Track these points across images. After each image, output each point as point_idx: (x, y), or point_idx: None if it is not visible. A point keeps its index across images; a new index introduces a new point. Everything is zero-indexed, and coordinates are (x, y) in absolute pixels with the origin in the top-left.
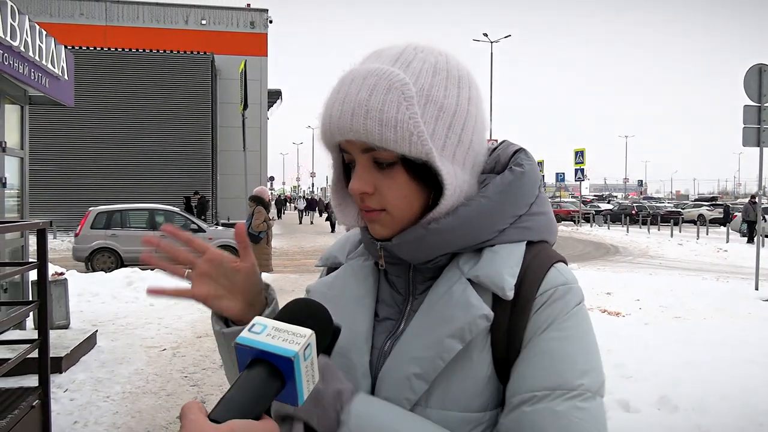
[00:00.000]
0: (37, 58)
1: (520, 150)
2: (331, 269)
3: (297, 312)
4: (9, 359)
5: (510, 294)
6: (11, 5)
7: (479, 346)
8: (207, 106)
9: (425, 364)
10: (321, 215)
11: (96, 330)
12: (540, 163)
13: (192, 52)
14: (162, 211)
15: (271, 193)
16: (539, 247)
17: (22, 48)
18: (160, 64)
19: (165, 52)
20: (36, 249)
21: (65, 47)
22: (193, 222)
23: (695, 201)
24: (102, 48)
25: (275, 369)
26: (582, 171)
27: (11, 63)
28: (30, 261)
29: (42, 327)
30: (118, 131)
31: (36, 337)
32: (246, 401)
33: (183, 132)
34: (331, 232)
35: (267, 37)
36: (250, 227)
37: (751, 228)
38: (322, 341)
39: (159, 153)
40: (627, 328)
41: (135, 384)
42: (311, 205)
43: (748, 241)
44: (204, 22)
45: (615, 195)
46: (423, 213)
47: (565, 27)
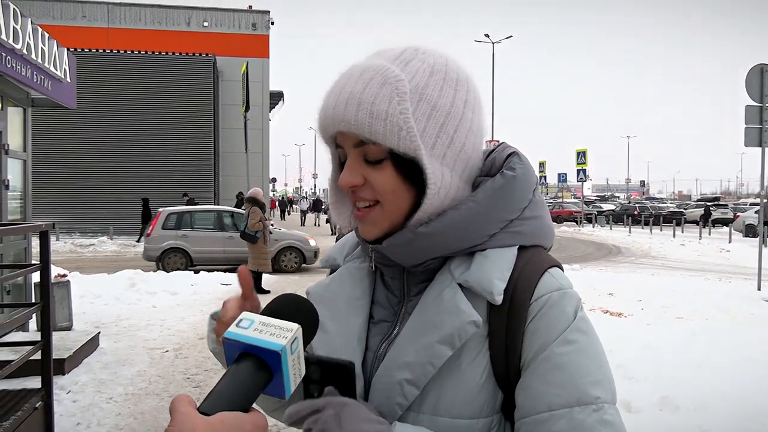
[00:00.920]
0: (40, 60)
1: (513, 153)
2: (333, 271)
3: (283, 307)
4: (12, 361)
5: (499, 299)
6: (14, 8)
7: (473, 352)
8: (209, 107)
9: (416, 369)
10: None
11: (99, 332)
12: (542, 164)
13: (194, 53)
14: (229, 213)
15: (273, 195)
16: (532, 252)
17: (24, 51)
18: (162, 66)
19: (167, 54)
20: (39, 251)
21: (67, 49)
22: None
23: (697, 201)
24: (104, 50)
25: (263, 363)
26: (584, 171)
27: (14, 65)
28: (33, 263)
29: (45, 329)
30: (120, 133)
31: (39, 339)
32: (235, 394)
33: (185, 133)
34: (331, 234)
35: (269, 39)
36: (246, 227)
37: None
38: (308, 335)
39: (161, 155)
40: (629, 328)
41: (137, 385)
42: (317, 206)
43: None
44: (206, 24)
45: (617, 195)
46: (411, 213)
47: (568, 27)
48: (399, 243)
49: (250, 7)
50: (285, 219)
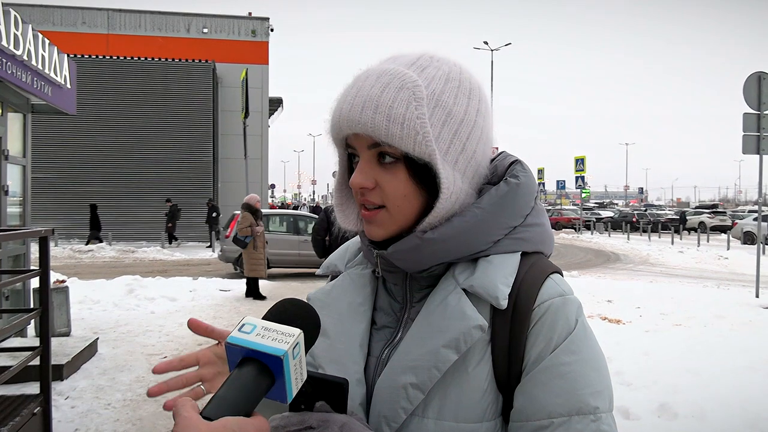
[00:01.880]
0: (40, 66)
1: (516, 161)
2: (334, 278)
3: (285, 312)
4: (10, 367)
5: (504, 303)
6: (14, 14)
7: (477, 356)
8: (208, 114)
9: (421, 373)
10: None
11: (97, 337)
12: (540, 171)
13: (193, 60)
14: (304, 217)
15: (272, 201)
16: (534, 258)
17: (24, 57)
18: (161, 72)
19: (167, 60)
20: (38, 256)
21: (68, 56)
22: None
23: (696, 208)
24: (104, 56)
25: (265, 367)
26: (582, 179)
27: (14, 72)
28: (32, 269)
29: (43, 334)
30: (119, 139)
31: (37, 345)
32: (237, 399)
33: (184, 140)
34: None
35: (268, 46)
36: (236, 233)
37: None
38: (309, 340)
39: (160, 160)
40: (627, 335)
41: (136, 391)
42: (316, 213)
43: None
44: (205, 30)
45: (616, 202)
46: (419, 218)
47: (566, 35)
48: (405, 249)
49: (249, 14)
50: None
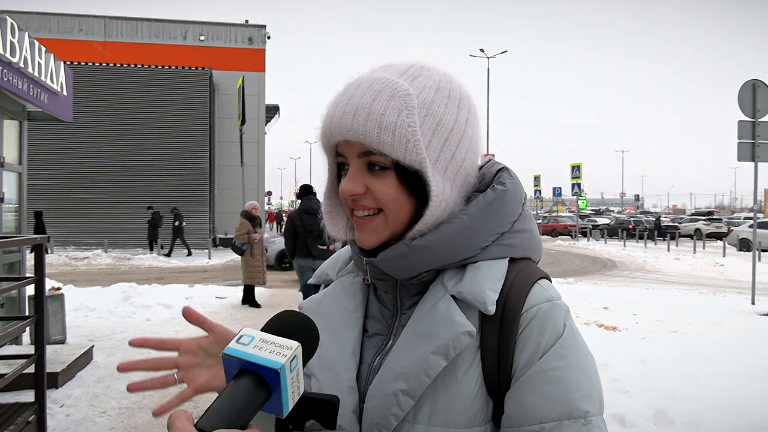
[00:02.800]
0: (36, 74)
1: (503, 168)
2: (326, 286)
3: (284, 324)
4: (5, 374)
5: (492, 309)
6: (11, 22)
7: (466, 362)
8: (205, 121)
9: (411, 380)
10: None
11: (92, 345)
12: (537, 178)
13: (190, 67)
14: None
15: (269, 208)
16: (522, 264)
17: (21, 64)
18: (158, 79)
19: (163, 67)
20: (33, 264)
21: (64, 63)
22: None
23: (692, 215)
24: (101, 63)
25: (262, 380)
26: (579, 185)
27: (10, 79)
28: (27, 276)
29: (38, 342)
30: (116, 146)
31: (32, 352)
32: (232, 411)
33: (181, 147)
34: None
35: (265, 53)
36: (234, 240)
37: None
38: (308, 353)
39: (157, 168)
40: (623, 342)
41: (131, 399)
42: None
43: None
44: (202, 37)
45: (612, 209)
46: (409, 226)
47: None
48: (394, 256)
49: (246, 22)
50: (281, 232)
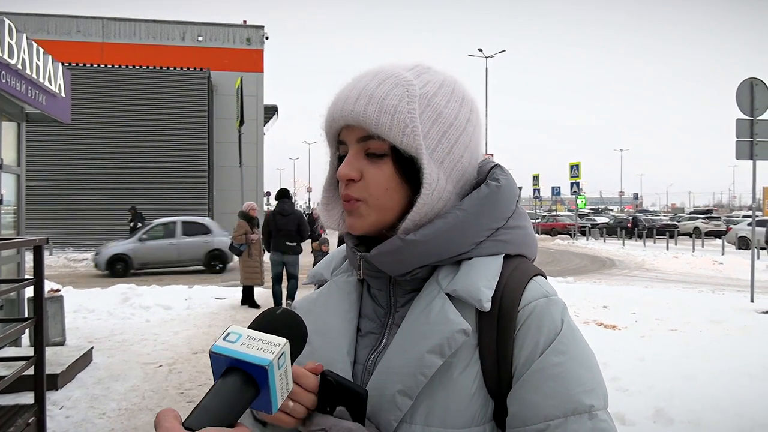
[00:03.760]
0: (34, 75)
1: (496, 165)
2: (320, 286)
3: (272, 321)
4: (5, 376)
5: (487, 306)
6: (9, 23)
7: (464, 361)
8: (203, 121)
9: (407, 380)
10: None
11: (92, 346)
12: (535, 177)
13: (188, 68)
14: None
15: (267, 209)
16: (517, 261)
17: (19, 66)
18: (156, 80)
19: (161, 68)
20: (32, 265)
21: (62, 64)
22: None
23: (690, 214)
24: (99, 65)
25: (249, 377)
26: (578, 185)
27: (8, 81)
28: (26, 278)
29: (38, 344)
30: (114, 147)
31: (32, 354)
32: (220, 409)
33: (179, 148)
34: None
35: (263, 54)
36: (232, 240)
37: None
38: (296, 350)
39: (155, 169)
40: (623, 341)
41: (131, 401)
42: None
43: None
44: (200, 38)
45: (611, 208)
46: (401, 216)
47: (561, 42)
48: (387, 251)
49: (244, 22)
50: None
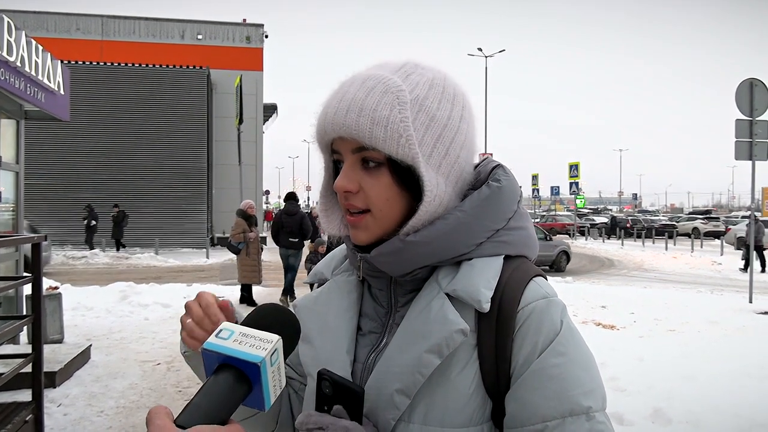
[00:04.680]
0: (33, 73)
1: (498, 166)
2: (321, 285)
3: (264, 317)
4: (2, 374)
5: (486, 306)
6: (8, 21)
7: (462, 361)
8: (202, 120)
9: (406, 379)
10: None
11: (90, 344)
12: (535, 177)
13: (188, 66)
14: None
15: (267, 207)
16: (518, 262)
17: (18, 63)
18: (155, 78)
19: (161, 66)
20: (30, 263)
21: (61, 62)
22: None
23: (689, 214)
24: (98, 62)
25: (242, 374)
26: (577, 184)
27: (7, 78)
28: (24, 275)
29: (36, 341)
30: (113, 145)
31: (30, 352)
32: (212, 406)
33: (178, 146)
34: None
35: (262, 52)
36: (230, 239)
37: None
38: (289, 346)
39: (154, 167)
40: (621, 341)
41: (129, 398)
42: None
43: (744, 268)
44: (200, 36)
45: (610, 208)
46: (403, 221)
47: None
48: (388, 252)
49: (244, 20)
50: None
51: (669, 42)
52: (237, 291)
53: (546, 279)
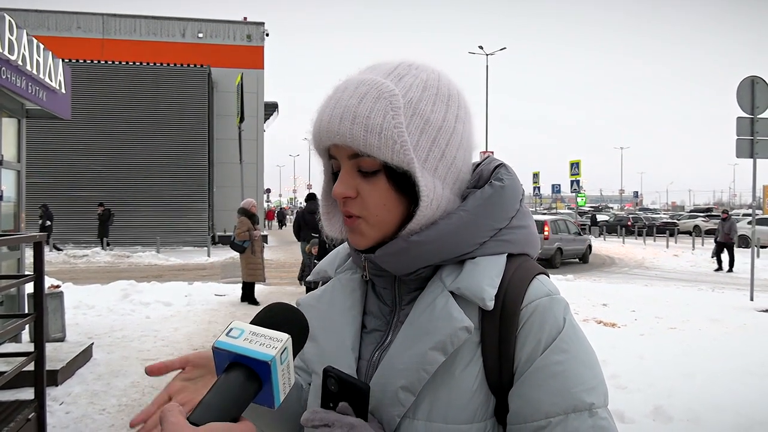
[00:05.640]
0: (35, 71)
1: (500, 165)
2: (324, 283)
3: (274, 316)
4: (5, 372)
5: (490, 304)
6: (9, 19)
7: (466, 358)
8: (203, 118)
9: (410, 376)
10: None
11: (92, 342)
12: (536, 175)
13: (188, 65)
14: (564, 221)
15: (268, 205)
16: (521, 260)
17: (19, 62)
18: (156, 77)
19: (162, 65)
20: (32, 261)
21: (62, 60)
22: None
23: (690, 212)
24: (99, 61)
25: (252, 372)
26: (578, 182)
27: (8, 77)
28: (26, 274)
29: (38, 340)
30: (114, 144)
31: (32, 350)
32: (224, 404)
33: (179, 144)
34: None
35: (263, 50)
36: (234, 237)
37: (721, 249)
38: (298, 345)
39: (155, 165)
40: (622, 339)
41: (131, 397)
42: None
43: (717, 269)
44: (201, 35)
45: (611, 206)
46: (402, 225)
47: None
48: (392, 252)
49: (245, 19)
50: (282, 229)
51: (670, 41)
52: (238, 289)
53: (548, 277)
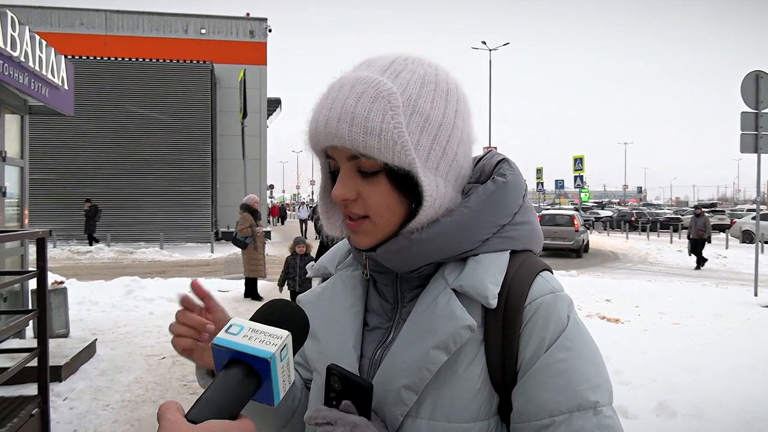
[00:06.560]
0: (37, 68)
1: (503, 160)
2: (325, 280)
3: (274, 313)
4: (8, 368)
5: (493, 302)
6: (11, 16)
7: (469, 356)
8: (206, 114)
9: (413, 374)
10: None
11: (95, 338)
12: (539, 170)
13: (191, 61)
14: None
15: (271, 202)
16: (524, 257)
17: (22, 58)
18: (159, 73)
19: (165, 61)
20: (36, 258)
21: (65, 57)
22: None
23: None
24: (102, 57)
25: (252, 369)
26: (581, 178)
27: (11, 73)
28: (29, 270)
29: (41, 336)
30: (117, 140)
31: (35, 346)
32: (223, 401)
33: (182, 141)
34: (315, 239)
35: (266, 46)
36: (236, 233)
37: (695, 246)
38: (298, 342)
39: (158, 161)
40: (626, 334)
41: (134, 392)
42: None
43: (697, 267)
44: (203, 31)
45: (614, 201)
46: (404, 223)
47: (565, 35)
48: (394, 250)
49: (247, 15)
50: (284, 224)
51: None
52: (241, 285)
53: (552, 273)
